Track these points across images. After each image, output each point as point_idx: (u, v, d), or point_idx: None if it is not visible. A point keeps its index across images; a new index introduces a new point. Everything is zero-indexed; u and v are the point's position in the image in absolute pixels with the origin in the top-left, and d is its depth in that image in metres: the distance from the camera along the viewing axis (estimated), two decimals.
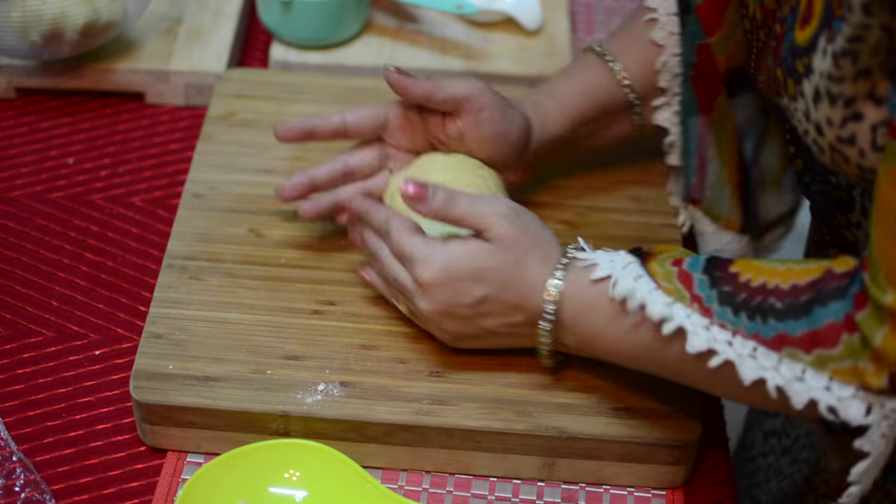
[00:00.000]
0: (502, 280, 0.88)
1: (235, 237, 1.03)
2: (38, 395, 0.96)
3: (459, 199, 0.90)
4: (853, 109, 0.75)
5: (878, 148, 0.75)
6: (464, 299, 0.89)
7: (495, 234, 0.89)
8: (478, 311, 0.89)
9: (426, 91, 0.98)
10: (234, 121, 1.13)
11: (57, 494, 0.90)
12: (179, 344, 0.94)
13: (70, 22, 1.13)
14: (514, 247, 0.89)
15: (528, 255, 0.88)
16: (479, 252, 0.89)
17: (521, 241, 0.89)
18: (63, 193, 1.11)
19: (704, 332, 0.80)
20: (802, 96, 0.78)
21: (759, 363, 0.78)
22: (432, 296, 0.89)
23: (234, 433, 0.91)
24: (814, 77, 0.76)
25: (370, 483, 0.88)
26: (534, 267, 0.88)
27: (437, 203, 0.90)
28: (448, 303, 0.89)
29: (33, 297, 1.03)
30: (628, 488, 0.93)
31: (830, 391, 0.75)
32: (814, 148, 0.79)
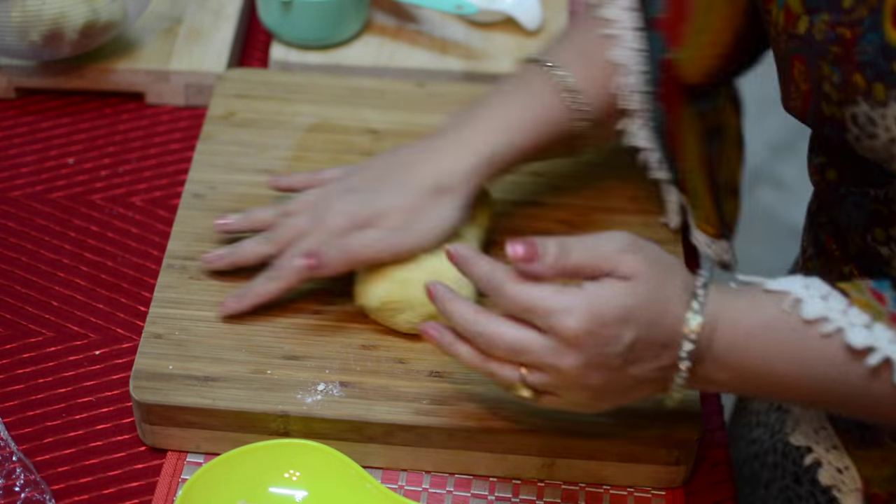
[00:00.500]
0: (649, 319, 0.78)
1: (235, 237, 1.02)
2: (38, 395, 0.96)
3: (573, 245, 0.80)
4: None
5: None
6: (614, 347, 0.78)
7: (627, 271, 0.79)
8: (628, 359, 0.79)
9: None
10: (234, 121, 1.13)
11: (57, 494, 0.90)
12: (179, 344, 0.94)
13: (70, 22, 1.13)
14: (650, 280, 0.79)
15: (666, 286, 0.79)
16: (621, 291, 0.78)
17: (655, 273, 0.79)
18: (63, 193, 1.11)
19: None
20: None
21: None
22: (580, 348, 0.78)
23: (234, 433, 0.91)
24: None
25: (370, 483, 0.88)
26: (675, 298, 0.79)
27: (550, 257, 0.79)
28: (599, 353, 0.78)
29: (33, 297, 1.03)
30: (628, 488, 0.93)
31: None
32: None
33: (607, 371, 0.79)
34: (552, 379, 0.80)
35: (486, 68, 1.22)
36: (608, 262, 0.79)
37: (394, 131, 1.12)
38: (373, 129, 1.13)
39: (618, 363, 0.79)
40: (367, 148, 1.11)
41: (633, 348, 0.79)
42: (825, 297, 0.78)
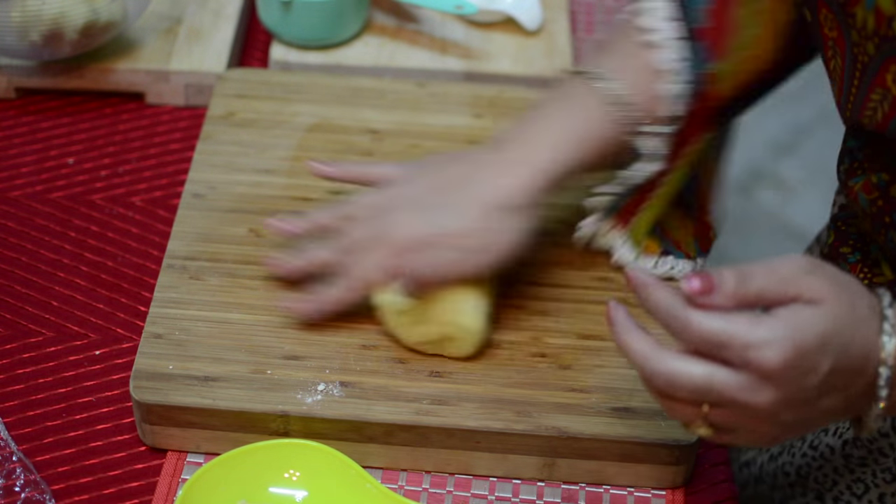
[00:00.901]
0: (844, 344, 0.73)
1: (235, 237, 1.03)
2: (38, 395, 0.96)
3: (752, 272, 0.74)
4: None
5: None
6: (812, 379, 0.72)
7: (814, 295, 0.73)
8: (822, 390, 0.73)
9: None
10: (234, 121, 1.13)
11: (57, 494, 0.90)
12: (179, 344, 0.94)
13: (70, 22, 1.13)
14: (840, 303, 0.73)
15: (856, 308, 0.74)
16: (816, 317, 0.72)
17: (842, 293, 0.73)
18: (63, 193, 1.11)
19: None
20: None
21: None
22: (778, 384, 0.72)
23: (234, 433, 0.91)
24: None
25: (370, 483, 0.88)
26: (865, 320, 0.74)
27: (730, 287, 0.73)
28: (797, 388, 0.73)
29: (33, 297, 1.03)
30: (628, 488, 0.93)
31: None
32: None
33: (801, 406, 0.74)
34: (739, 417, 0.74)
35: (486, 68, 1.22)
36: (792, 286, 0.73)
37: (394, 131, 1.13)
38: (373, 129, 1.13)
39: (813, 395, 0.73)
40: (367, 148, 1.11)
41: (829, 378, 0.73)
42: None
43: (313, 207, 1.01)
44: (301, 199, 1.06)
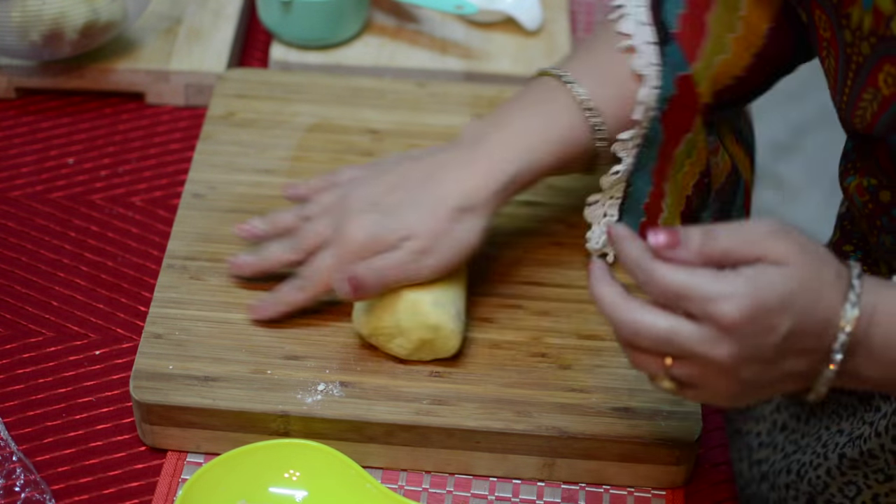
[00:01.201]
0: (805, 306, 0.73)
1: (235, 237, 1.02)
2: (38, 395, 0.96)
3: (719, 230, 0.75)
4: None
5: None
6: (772, 338, 0.73)
7: (779, 255, 0.73)
8: (781, 350, 0.74)
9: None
10: (234, 121, 1.13)
11: (57, 494, 0.90)
12: (179, 344, 0.94)
13: (70, 22, 1.13)
14: (806, 264, 0.74)
15: (821, 272, 0.74)
16: (780, 276, 0.73)
17: (808, 256, 0.74)
18: (63, 193, 1.11)
19: None
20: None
21: None
22: (737, 338, 0.73)
23: (234, 433, 0.91)
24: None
25: (370, 483, 0.88)
26: (829, 285, 0.74)
27: (696, 243, 0.74)
28: (755, 344, 0.73)
29: (33, 297, 1.03)
30: (628, 488, 0.93)
31: None
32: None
33: (760, 364, 0.74)
34: (700, 370, 0.75)
35: (486, 68, 1.22)
36: (758, 247, 0.74)
37: (394, 131, 1.13)
38: (373, 129, 1.13)
39: (771, 355, 0.74)
40: (367, 148, 1.11)
41: (789, 339, 0.73)
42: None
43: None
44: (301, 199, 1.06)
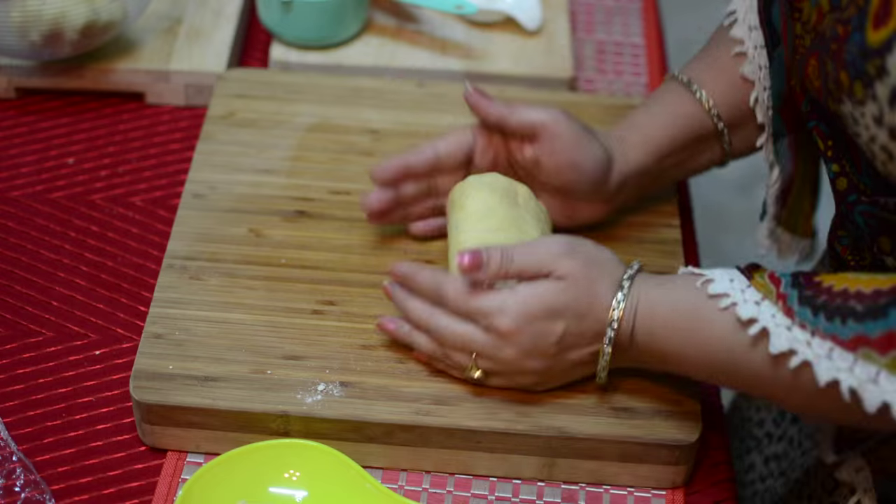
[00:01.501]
0: (578, 313, 0.88)
1: (235, 237, 1.03)
2: (39, 396, 0.96)
3: (514, 253, 0.89)
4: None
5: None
6: (547, 339, 0.88)
7: (561, 273, 0.88)
8: (562, 347, 0.89)
9: (501, 115, 0.98)
10: (234, 121, 1.13)
11: (57, 494, 0.90)
12: (179, 344, 0.94)
13: (70, 22, 1.13)
14: (581, 279, 0.88)
15: (596, 284, 0.88)
16: (550, 291, 0.88)
17: (587, 272, 0.88)
18: (63, 193, 1.11)
19: (786, 332, 0.80)
20: (874, 99, 0.76)
21: (835, 364, 0.78)
22: (515, 342, 0.88)
23: (234, 433, 0.91)
24: (889, 79, 0.74)
25: (370, 483, 0.88)
26: (604, 293, 0.88)
27: (494, 265, 0.88)
28: (533, 345, 0.88)
29: (33, 297, 1.03)
30: (628, 488, 0.93)
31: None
32: (880, 156, 0.77)
33: (544, 358, 0.89)
34: (496, 366, 0.90)
35: (486, 68, 1.22)
36: (546, 266, 0.89)
37: (394, 131, 1.13)
38: (373, 128, 1.13)
39: (553, 351, 0.89)
40: (368, 148, 1.11)
41: (566, 339, 0.88)
42: (732, 279, 0.85)
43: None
44: (301, 199, 1.06)
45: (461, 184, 1.00)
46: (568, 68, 1.23)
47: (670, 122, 1.01)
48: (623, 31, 1.33)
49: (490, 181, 0.99)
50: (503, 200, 0.97)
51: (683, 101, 1.02)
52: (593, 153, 0.98)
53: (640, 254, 1.04)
